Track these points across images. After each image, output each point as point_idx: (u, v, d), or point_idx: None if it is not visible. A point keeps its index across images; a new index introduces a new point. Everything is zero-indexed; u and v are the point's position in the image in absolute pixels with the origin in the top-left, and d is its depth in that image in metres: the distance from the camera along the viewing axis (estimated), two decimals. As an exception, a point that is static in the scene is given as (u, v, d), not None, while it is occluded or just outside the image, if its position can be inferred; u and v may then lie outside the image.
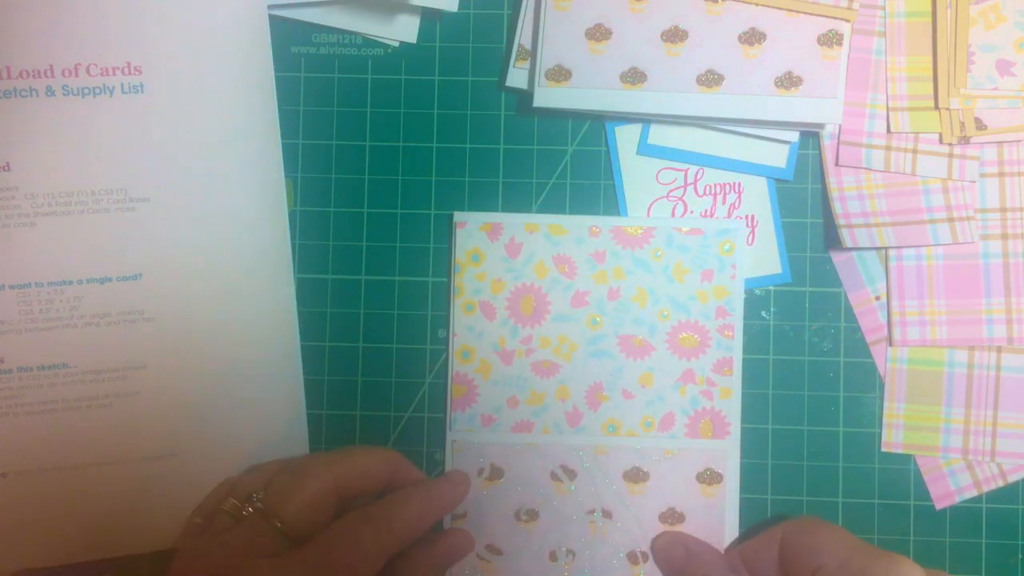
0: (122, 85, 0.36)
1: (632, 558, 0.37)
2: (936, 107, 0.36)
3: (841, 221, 0.36)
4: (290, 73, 0.39)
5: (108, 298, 0.36)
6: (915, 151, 0.36)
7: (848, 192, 0.36)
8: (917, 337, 0.37)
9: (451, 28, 0.39)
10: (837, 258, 0.38)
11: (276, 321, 0.38)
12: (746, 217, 0.38)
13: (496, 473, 0.37)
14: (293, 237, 0.39)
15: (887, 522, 0.37)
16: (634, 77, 0.36)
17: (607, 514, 0.37)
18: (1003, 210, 0.37)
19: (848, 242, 0.36)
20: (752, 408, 0.38)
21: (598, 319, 0.37)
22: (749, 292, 0.38)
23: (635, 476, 0.37)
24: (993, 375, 0.37)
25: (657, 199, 0.38)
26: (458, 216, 0.38)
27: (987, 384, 0.37)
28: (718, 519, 0.37)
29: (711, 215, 0.38)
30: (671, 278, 0.37)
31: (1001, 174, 0.37)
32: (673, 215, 0.38)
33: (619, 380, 0.37)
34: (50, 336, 0.36)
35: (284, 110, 0.39)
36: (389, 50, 0.39)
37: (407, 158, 0.39)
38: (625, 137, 0.38)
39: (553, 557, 0.37)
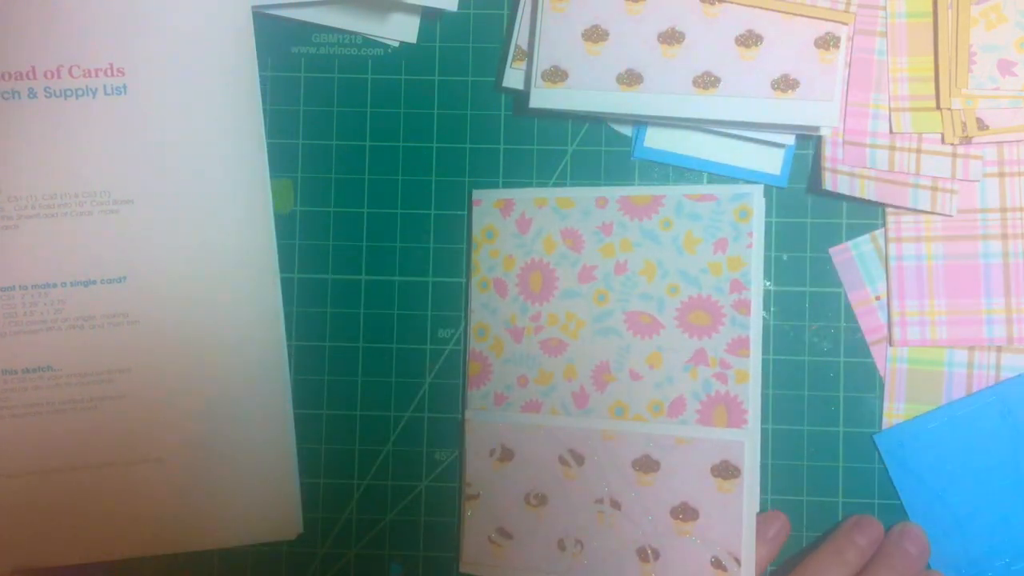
0: (105, 87, 0.33)
1: (642, 555, 0.33)
2: (938, 107, 0.34)
3: (827, 164, 0.34)
4: (290, 73, 0.36)
5: (92, 301, 0.33)
6: (919, 151, 0.34)
7: (847, 141, 0.34)
8: (917, 337, 0.34)
9: (451, 28, 0.36)
10: (837, 258, 0.35)
11: (262, 323, 0.35)
12: None
13: (507, 454, 0.34)
14: (293, 237, 0.36)
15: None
16: (630, 79, 0.33)
17: (616, 504, 0.33)
18: (1003, 210, 0.34)
19: (828, 184, 0.33)
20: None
21: (605, 295, 0.34)
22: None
23: (645, 465, 0.33)
24: (993, 375, 0.34)
25: None
26: (476, 194, 0.35)
27: (987, 385, 0.34)
28: (735, 518, 0.32)
29: None
30: (680, 250, 0.33)
31: (1001, 174, 0.34)
32: None
33: (626, 360, 0.33)
34: (34, 339, 0.33)
35: (284, 110, 0.36)
36: (389, 50, 0.37)
37: (407, 158, 0.36)
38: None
39: (561, 546, 0.33)
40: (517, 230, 0.35)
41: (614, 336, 0.34)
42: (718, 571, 0.32)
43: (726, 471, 0.32)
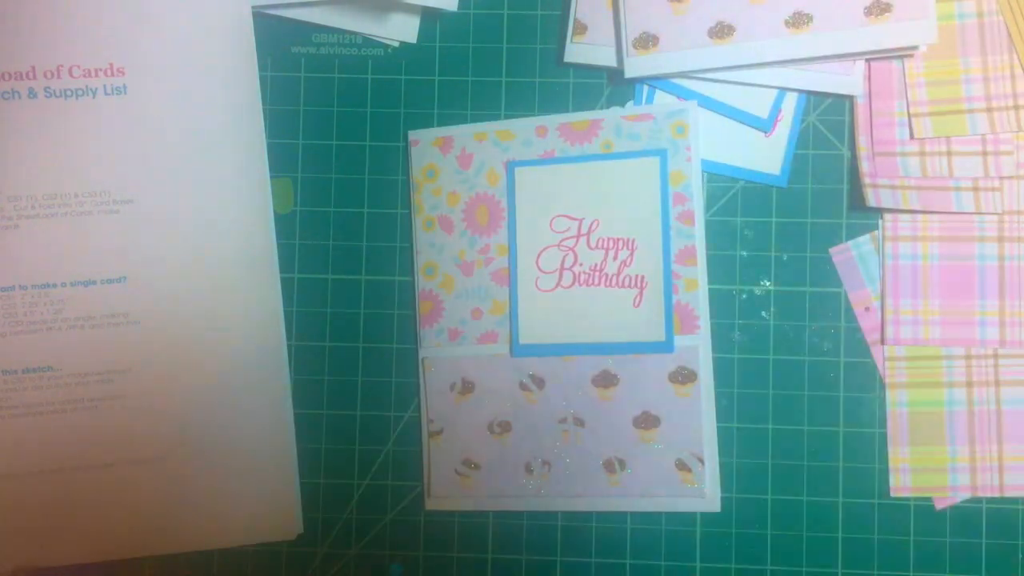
0: (105, 87, 0.33)
1: (609, 466, 0.34)
2: None
3: (867, 180, 0.34)
4: (290, 73, 0.36)
5: (93, 301, 0.33)
6: (949, 152, 0.34)
7: (877, 152, 0.34)
8: (910, 336, 0.34)
9: (451, 28, 0.36)
10: (837, 258, 0.35)
11: (262, 323, 0.35)
12: (635, 277, 0.34)
13: (467, 387, 0.35)
14: (293, 237, 0.36)
15: (887, 522, 0.34)
16: (722, 31, 0.34)
17: (579, 422, 0.34)
18: (1000, 213, 0.34)
19: (872, 201, 0.33)
20: (752, 408, 0.35)
21: None
22: (748, 291, 0.35)
23: (605, 380, 0.34)
24: (994, 410, 0.34)
25: (548, 247, 0.34)
26: (412, 134, 0.36)
27: (989, 420, 0.34)
28: (695, 420, 0.33)
29: (601, 270, 0.34)
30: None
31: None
32: (563, 265, 0.34)
33: None
34: (34, 339, 0.33)
35: (284, 110, 0.36)
36: (389, 50, 0.36)
37: (407, 158, 0.36)
38: (526, 179, 0.34)
39: (528, 469, 0.34)
40: (459, 166, 0.35)
41: None
42: (683, 472, 0.33)
43: (683, 376, 0.33)
